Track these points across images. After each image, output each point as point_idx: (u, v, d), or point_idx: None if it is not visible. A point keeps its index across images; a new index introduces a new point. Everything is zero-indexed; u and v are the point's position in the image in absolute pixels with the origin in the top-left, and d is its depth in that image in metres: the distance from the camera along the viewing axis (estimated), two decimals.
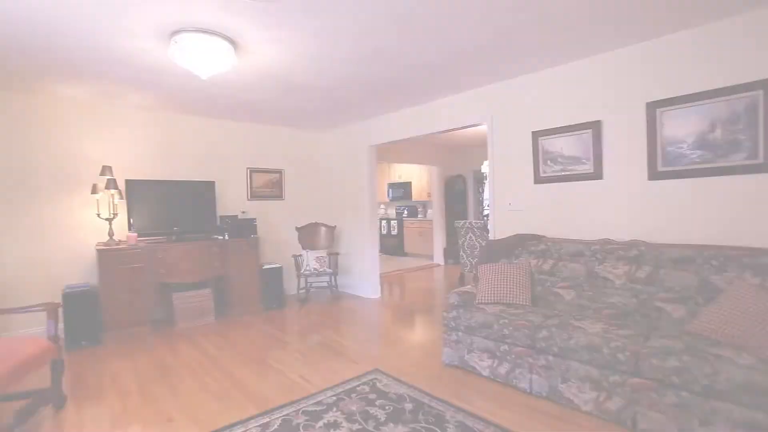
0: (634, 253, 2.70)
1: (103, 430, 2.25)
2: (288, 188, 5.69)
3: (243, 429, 2.20)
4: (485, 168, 7.01)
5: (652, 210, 2.85)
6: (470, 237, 5.60)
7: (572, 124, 3.21)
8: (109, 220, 3.98)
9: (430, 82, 3.67)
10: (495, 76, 3.55)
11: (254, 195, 5.32)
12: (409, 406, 2.40)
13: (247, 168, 5.26)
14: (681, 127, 2.66)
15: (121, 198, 4.13)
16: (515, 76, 3.54)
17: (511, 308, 2.84)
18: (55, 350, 2.43)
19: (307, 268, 5.18)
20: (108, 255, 3.74)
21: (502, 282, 3.03)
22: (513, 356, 2.59)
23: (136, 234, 4.01)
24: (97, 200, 4.01)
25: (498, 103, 3.75)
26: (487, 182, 9.45)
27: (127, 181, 4.09)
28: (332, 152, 5.93)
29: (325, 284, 5.74)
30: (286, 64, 3.12)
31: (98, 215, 3.99)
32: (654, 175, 2.80)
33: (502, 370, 2.65)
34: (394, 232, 9.67)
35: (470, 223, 5.60)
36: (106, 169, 3.92)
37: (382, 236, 9.81)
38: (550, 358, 2.40)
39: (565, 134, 3.25)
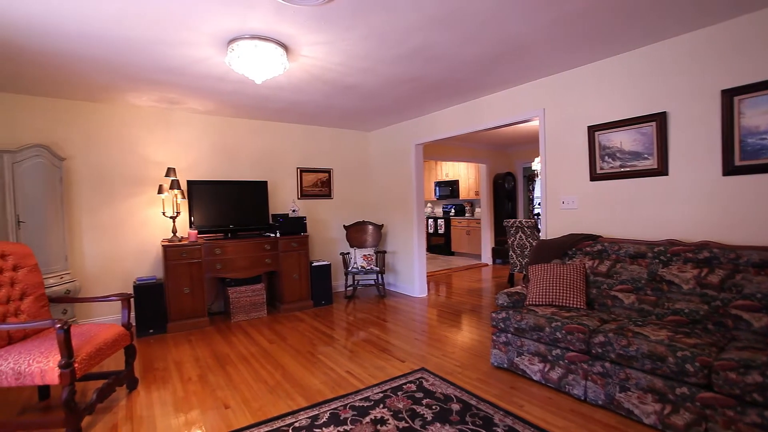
0: (705, 255, 2.47)
1: (168, 412, 2.43)
2: (336, 187, 5.82)
3: (293, 419, 2.28)
4: (536, 165, 6.75)
5: (726, 208, 2.59)
6: (520, 236, 5.42)
7: (633, 117, 3.00)
8: (173, 218, 4.28)
9: (479, 78, 3.59)
10: (548, 69, 3.40)
11: (304, 194, 5.50)
12: (456, 406, 2.37)
13: (297, 168, 5.44)
14: (764, 116, 2.40)
15: (183, 198, 4.43)
16: (569, 68, 3.37)
17: (563, 311, 2.71)
18: (128, 336, 2.66)
19: (355, 266, 5.26)
20: (172, 251, 4.03)
21: (555, 283, 2.90)
22: (566, 361, 2.48)
23: (196, 231, 4.28)
24: (163, 200, 4.35)
25: (551, 97, 3.59)
26: (538, 180, 9.13)
27: (189, 182, 4.37)
28: (379, 151, 5.98)
29: (372, 282, 5.81)
30: (335, 66, 3.18)
31: (163, 214, 4.32)
32: (730, 169, 2.55)
33: (554, 375, 2.54)
34: (441, 230, 9.57)
35: (520, 221, 5.42)
36: (170, 171, 4.23)
37: (428, 235, 9.75)
38: (607, 365, 2.27)
39: (625, 128, 3.04)
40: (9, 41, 2.55)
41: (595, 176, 3.27)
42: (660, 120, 2.84)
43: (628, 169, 3.05)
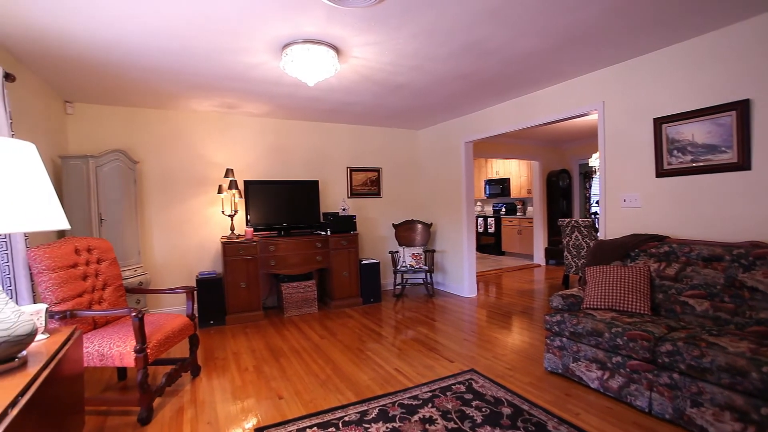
0: None
1: (227, 399, 2.59)
2: (385, 186, 5.86)
3: (343, 413, 2.34)
4: (594, 161, 6.38)
5: None
6: (576, 236, 5.15)
7: (708, 106, 2.74)
8: (231, 216, 4.54)
9: (532, 72, 3.46)
10: (606, 60, 3.20)
11: (353, 193, 5.59)
12: (507, 410, 2.31)
13: (347, 167, 5.55)
14: None
15: (241, 197, 4.68)
16: (631, 56, 3.14)
17: (625, 316, 2.54)
18: (192, 327, 2.86)
19: (403, 265, 5.28)
20: (230, 247, 4.27)
21: (615, 286, 2.73)
22: (628, 370, 2.32)
23: (252, 229, 4.50)
24: (222, 199, 4.62)
25: (610, 88, 3.37)
26: (596, 176, 8.62)
27: (246, 182, 4.61)
28: (428, 149, 5.94)
29: (421, 281, 5.80)
30: (384, 65, 3.21)
31: (222, 212, 4.59)
32: None
33: (614, 383, 2.39)
34: (491, 230, 9.33)
35: (576, 221, 5.15)
36: (228, 172, 4.48)
37: (478, 234, 9.55)
38: (676, 376, 2.10)
39: (698, 119, 2.79)
40: (94, 58, 2.83)
41: (661, 172, 3.03)
42: (741, 108, 2.57)
43: (701, 163, 2.79)
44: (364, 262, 5.03)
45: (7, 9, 2.15)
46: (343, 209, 5.14)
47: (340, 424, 2.22)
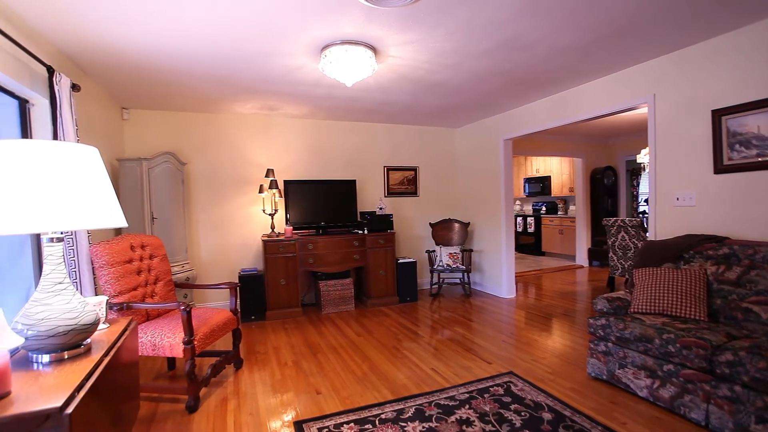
0: None
1: (267, 392, 2.68)
2: (422, 184, 5.84)
3: (379, 411, 2.35)
4: (643, 157, 6.04)
5: None
6: (622, 236, 4.90)
7: None
8: (271, 215, 4.68)
9: (575, 66, 3.32)
10: (657, 50, 3.02)
11: (390, 192, 5.61)
12: (547, 415, 2.24)
13: (384, 166, 5.57)
14: None
15: (280, 196, 4.82)
16: (686, 45, 2.95)
17: (678, 321, 2.39)
18: (235, 321, 2.98)
19: (440, 264, 5.24)
20: (270, 245, 4.41)
21: (667, 290, 2.57)
22: (681, 379, 2.18)
23: (291, 227, 4.63)
24: (263, 198, 4.78)
25: (662, 80, 3.18)
26: (645, 173, 8.16)
27: (285, 182, 4.74)
28: (466, 148, 5.86)
29: (458, 281, 5.74)
30: (422, 64, 3.19)
31: (263, 211, 4.75)
32: None
33: (666, 393, 2.26)
34: (531, 229, 9.07)
35: (623, 220, 4.90)
36: (269, 172, 4.63)
37: (517, 234, 9.30)
38: (738, 389, 1.95)
39: (764, 110, 2.57)
40: (147, 67, 3.02)
41: (720, 168, 2.82)
42: None
43: None
44: (400, 261, 5.04)
45: (75, 27, 2.33)
46: (380, 208, 5.17)
47: (377, 422, 2.23)
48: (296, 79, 3.47)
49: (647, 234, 4.71)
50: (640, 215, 8.35)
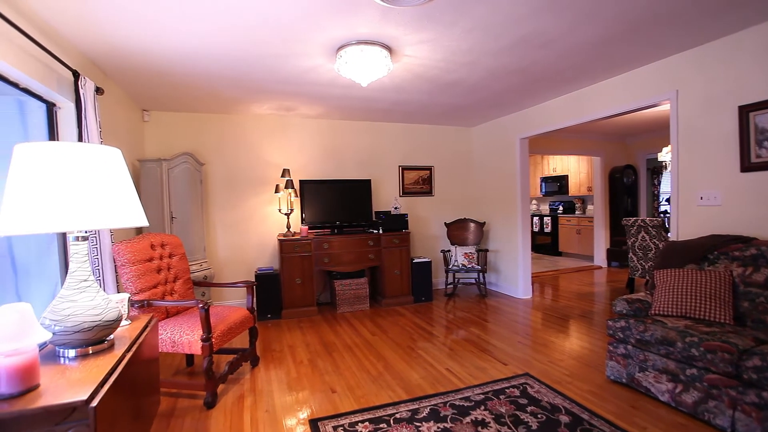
0: None
1: (283, 389, 2.71)
2: (437, 184, 5.82)
3: (394, 410, 2.35)
4: (665, 156, 5.89)
5: None
6: (643, 237, 4.79)
7: None
8: (287, 214, 4.73)
9: (594, 62, 3.26)
10: (679, 45, 2.94)
11: (405, 191, 5.61)
12: (564, 418, 2.20)
13: (399, 165, 5.57)
14: None
15: (296, 196, 4.86)
16: (710, 39, 2.86)
17: (701, 324, 2.32)
18: (252, 319, 3.02)
19: (455, 264, 5.21)
20: (286, 244, 4.45)
21: (689, 292, 2.50)
22: (705, 384, 2.12)
23: (307, 227, 4.66)
24: (279, 198, 4.84)
25: (684, 76, 3.09)
26: (666, 172, 7.95)
27: (301, 181, 4.78)
28: (481, 146, 5.81)
29: (473, 281, 5.70)
30: (437, 63, 3.18)
31: (279, 211, 4.80)
32: None
33: (689, 398, 2.20)
34: (548, 229, 8.93)
35: (643, 220, 4.78)
36: (285, 172, 4.68)
37: (533, 234, 9.17)
38: (766, 395, 1.88)
39: None
40: (166, 69, 3.08)
41: (748, 166, 2.73)
42: None
43: None
44: (415, 260, 5.03)
45: (98, 32, 2.40)
46: (395, 208, 5.17)
47: (392, 421, 2.24)
48: (312, 79, 3.50)
49: (669, 234, 4.59)
50: (662, 215, 8.14)
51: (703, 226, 3.01)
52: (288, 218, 4.73)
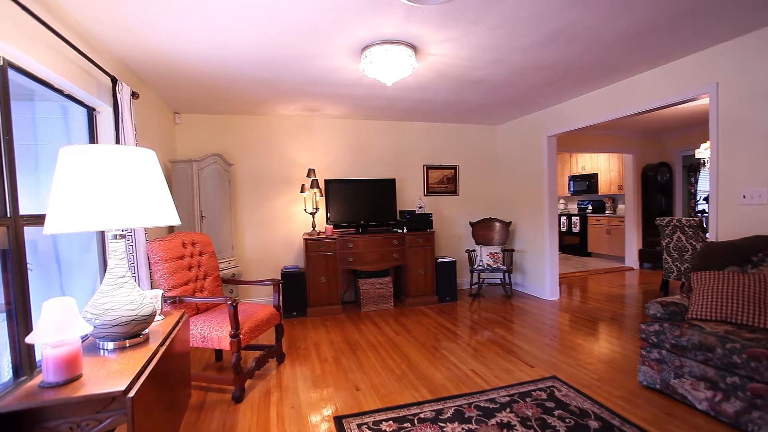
0: None
1: (308, 386, 2.75)
2: (462, 183, 5.76)
3: (418, 410, 2.35)
4: (703, 152, 5.62)
5: None
6: (678, 237, 4.59)
7: None
8: (312, 214, 4.79)
9: (627, 56, 3.14)
10: (720, 35, 2.80)
11: (430, 190, 5.58)
12: (594, 424, 2.14)
13: (424, 165, 5.55)
14: None
15: (321, 195, 4.92)
16: (754, 28, 2.71)
17: (744, 330, 2.21)
18: (278, 317, 3.08)
19: (481, 264, 5.15)
20: (311, 243, 4.51)
21: (731, 295, 2.38)
22: (748, 393, 2.02)
23: (332, 226, 4.71)
24: (304, 198, 4.90)
25: (725, 68, 2.94)
26: (704, 170, 7.58)
27: (326, 181, 4.83)
28: (507, 145, 5.72)
29: (498, 281, 5.62)
30: (462, 61, 3.15)
31: (305, 210, 4.87)
32: None
33: (730, 408, 2.09)
34: (576, 229, 8.69)
35: (679, 220, 4.58)
36: (310, 172, 4.74)
37: (561, 234, 8.95)
38: None
39: None
40: (197, 73, 3.18)
41: None
42: None
43: None
44: (440, 260, 5.00)
45: (134, 39, 2.51)
46: (420, 207, 5.16)
47: (416, 420, 2.23)
48: (336, 80, 3.53)
49: (707, 235, 4.38)
50: (699, 214, 7.78)
51: (745, 226, 2.86)
52: (313, 217, 4.80)
